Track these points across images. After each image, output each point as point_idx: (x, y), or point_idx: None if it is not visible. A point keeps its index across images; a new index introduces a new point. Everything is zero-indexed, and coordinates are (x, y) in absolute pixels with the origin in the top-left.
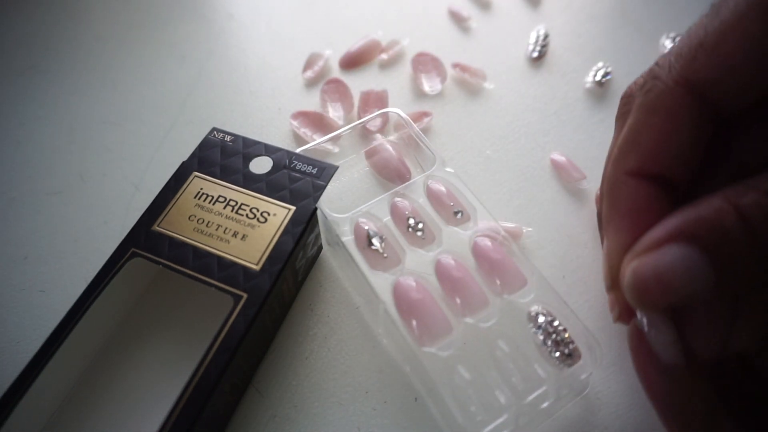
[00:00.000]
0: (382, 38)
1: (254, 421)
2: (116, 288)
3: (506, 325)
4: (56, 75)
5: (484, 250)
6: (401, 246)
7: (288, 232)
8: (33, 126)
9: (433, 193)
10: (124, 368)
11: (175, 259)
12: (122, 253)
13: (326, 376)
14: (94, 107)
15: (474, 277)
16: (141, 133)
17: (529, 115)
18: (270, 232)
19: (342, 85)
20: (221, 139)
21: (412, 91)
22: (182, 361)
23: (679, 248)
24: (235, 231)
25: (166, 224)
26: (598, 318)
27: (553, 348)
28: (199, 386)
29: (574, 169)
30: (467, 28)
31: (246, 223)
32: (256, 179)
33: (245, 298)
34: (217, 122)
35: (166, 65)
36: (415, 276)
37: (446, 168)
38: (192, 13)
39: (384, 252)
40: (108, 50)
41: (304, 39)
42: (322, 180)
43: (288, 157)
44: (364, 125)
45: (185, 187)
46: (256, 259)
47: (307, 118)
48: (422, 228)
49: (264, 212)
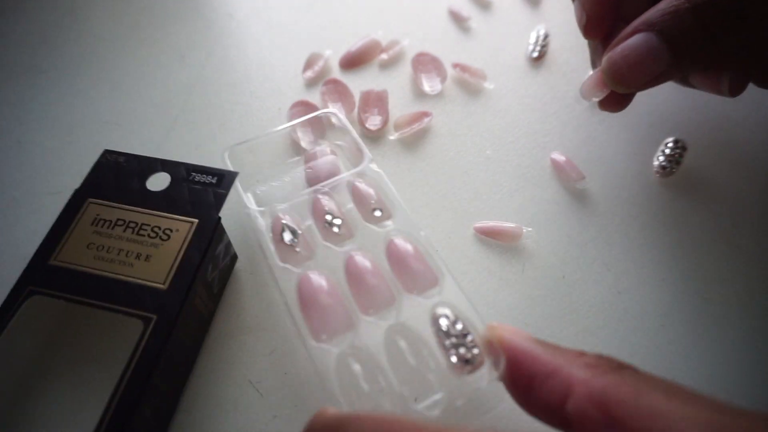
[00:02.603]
0: (382, 38)
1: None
2: (16, 330)
3: (409, 325)
4: (56, 75)
5: (397, 248)
6: (316, 242)
7: (193, 245)
8: (33, 126)
9: (355, 190)
10: (37, 410)
11: (77, 291)
12: (18, 293)
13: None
14: (94, 107)
15: (383, 275)
16: (141, 133)
17: (529, 115)
18: (174, 249)
19: (341, 85)
20: (114, 160)
21: (412, 91)
22: (98, 393)
23: (641, 35)
24: (138, 253)
25: (64, 256)
26: (597, 317)
27: (453, 351)
28: (117, 413)
29: (574, 169)
30: (467, 28)
31: (148, 243)
32: (154, 197)
33: (155, 319)
34: (216, 122)
35: (166, 65)
36: (322, 271)
37: (372, 166)
38: (192, 13)
39: (297, 246)
40: (108, 50)
41: (304, 39)
42: (223, 188)
43: (186, 170)
44: (364, 125)
45: (80, 216)
46: (162, 278)
47: (306, 109)
48: (339, 224)
49: (166, 230)
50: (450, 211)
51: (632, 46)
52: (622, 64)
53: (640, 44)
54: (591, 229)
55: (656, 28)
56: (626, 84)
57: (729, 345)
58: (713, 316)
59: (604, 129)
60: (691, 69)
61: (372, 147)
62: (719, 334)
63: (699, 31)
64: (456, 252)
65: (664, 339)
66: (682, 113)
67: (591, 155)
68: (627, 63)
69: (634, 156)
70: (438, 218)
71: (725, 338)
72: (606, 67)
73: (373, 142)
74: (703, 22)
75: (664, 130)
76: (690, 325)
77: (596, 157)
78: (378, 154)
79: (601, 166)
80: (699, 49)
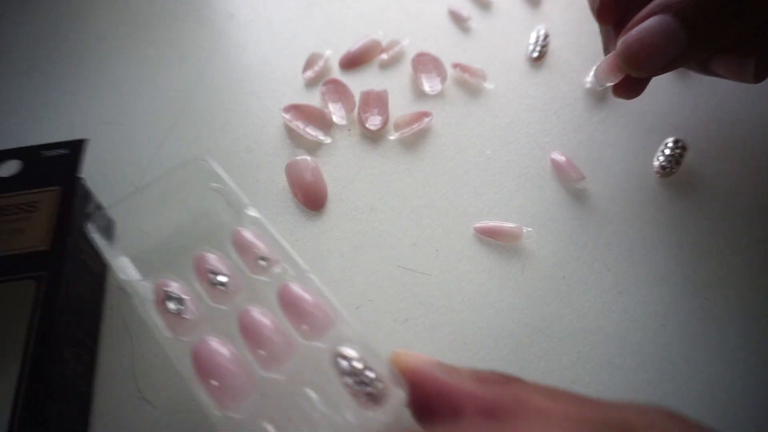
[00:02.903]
0: (382, 38)
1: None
2: None
3: (313, 371)
4: (56, 75)
5: (289, 295)
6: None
7: (63, 208)
8: (33, 126)
9: (236, 242)
10: None
11: None
12: None
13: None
14: (94, 107)
15: (279, 326)
16: (141, 133)
17: (529, 115)
18: (45, 216)
19: (341, 85)
20: None
21: (412, 91)
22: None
23: (657, 18)
24: (9, 230)
25: None
26: (598, 318)
27: (356, 388)
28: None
29: (574, 169)
30: (467, 28)
31: (15, 219)
32: (9, 182)
33: (46, 275)
34: (217, 122)
35: (166, 65)
36: (215, 335)
37: (250, 212)
38: (192, 13)
39: (184, 313)
40: (108, 50)
41: (304, 39)
42: (75, 154)
43: (35, 151)
44: (364, 125)
45: None
46: (41, 242)
47: (299, 111)
48: (224, 282)
49: (30, 203)
50: (450, 211)
51: (648, 29)
52: (637, 47)
53: (656, 26)
54: (591, 229)
55: (673, 10)
56: (642, 68)
57: (729, 345)
58: (713, 316)
59: (604, 129)
60: (709, 51)
61: (372, 147)
62: (719, 334)
63: (716, 11)
64: (456, 252)
65: (664, 339)
66: (682, 113)
67: (591, 155)
68: (642, 45)
69: (634, 156)
70: (438, 218)
71: (725, 338)
72: (621, 50)
73: (373, 142)
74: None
75: (664, 130)
76: (690, 325)
77: (596, 157)
78: (378, 154)
79: (601, 166)
80: (717, 30)
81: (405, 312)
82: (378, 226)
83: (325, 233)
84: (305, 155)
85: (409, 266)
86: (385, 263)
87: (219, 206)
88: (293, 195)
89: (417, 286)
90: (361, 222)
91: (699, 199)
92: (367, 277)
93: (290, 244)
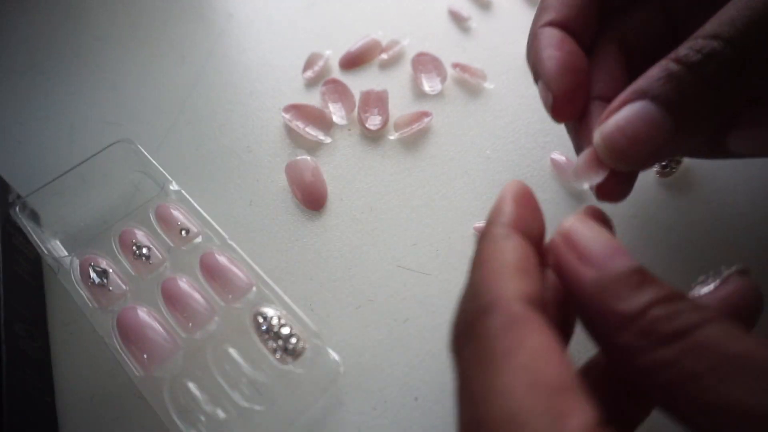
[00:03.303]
0: (382, 38)
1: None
2: None
3: (235, 332)
4: (56, 75)
5: (209, 262)
6: (129, 276)
7: None
8: (33, 126)
9: (158, 216)
10: None
11: None
12: None
13: None
14: (94, 107)
15: (199, 291)
16: (141, 133)
17: (529, 115)
18: None
19: (341, 85)
20: None
21: (412, 91)
22: None
23: (635, 104)
24: None
25: None
26: None
27: (274, 345)
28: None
29: None
30: (467, 28)
31: None
32: None
33: None
34: (217, 122)
35: (166, 65)
36: (138, 304)
37: (172, 187)
38: (192, 13)
39: (108, 285)
40: (108, 50)
41: (304, 39)
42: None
43: None
44: (364, 125)
45: None
46: None
47: (299, 111)
48: (148, 253)
49: None
50: (450, 211)
51: (627, 118)
52: (618, 136)
53: (635, 113)
54: None
55: (650, 95)
56: (627, 158)
57: None
58: None
59: None
60: (705, 133)
61: (372, 147)
62: None
63: (700, 86)
64: (456, 252)
65: None
66: None
67: None
68: (624, 135)
69: None
70: (438, 218)
71: None
72: (601, 142)
73: (373, 142)
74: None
75: None
76: None
77: None
78: (378, 154)
79: None
80: (705, 105)
81: (405, 312)
82: (378, 226)
83: (325, 233)
84: (305, 155)
85: (409, 266)
86: (385, 263)
87: (144, 184)
88: (293, 195)
89: (417, 286)
90: (361, 222)
91: (699, 199)
92: (367, 277)
93: (290, 243)
